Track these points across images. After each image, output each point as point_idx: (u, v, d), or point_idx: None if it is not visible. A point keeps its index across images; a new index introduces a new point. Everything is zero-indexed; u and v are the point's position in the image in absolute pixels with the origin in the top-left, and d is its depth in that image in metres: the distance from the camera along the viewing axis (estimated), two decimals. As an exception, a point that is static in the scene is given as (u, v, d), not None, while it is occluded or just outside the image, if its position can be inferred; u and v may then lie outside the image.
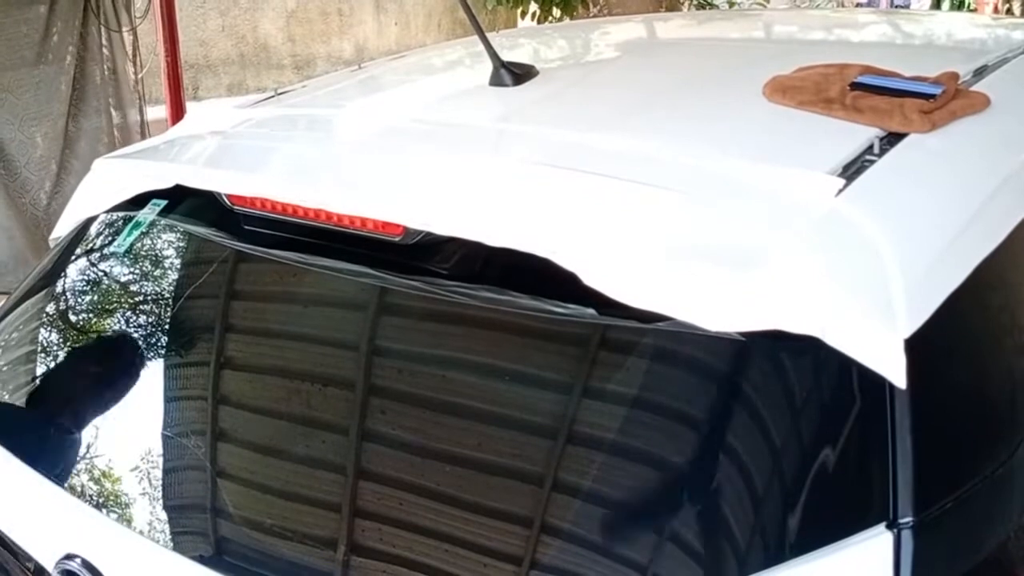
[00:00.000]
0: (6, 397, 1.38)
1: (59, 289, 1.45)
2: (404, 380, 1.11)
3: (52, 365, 1.38)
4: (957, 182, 1.12)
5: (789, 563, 0.86)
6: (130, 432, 1.24)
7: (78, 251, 1.44)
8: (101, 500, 1.20)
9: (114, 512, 1.18)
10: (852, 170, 1.05)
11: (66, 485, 1.22)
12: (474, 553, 0.98)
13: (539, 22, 6.52)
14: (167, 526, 1.15)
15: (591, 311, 0.97)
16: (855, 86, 1.23)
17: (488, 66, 1.43)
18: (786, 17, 2.66)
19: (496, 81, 1.42)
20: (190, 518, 1.16)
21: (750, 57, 1.67)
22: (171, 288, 1.37)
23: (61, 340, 1.42)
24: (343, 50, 9.69)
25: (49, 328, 1.43)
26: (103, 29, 4.10)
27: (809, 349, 0.88)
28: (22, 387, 1.37)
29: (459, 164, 1.16)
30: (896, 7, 9.80)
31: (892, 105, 1.16)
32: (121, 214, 1.38)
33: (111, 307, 1.40)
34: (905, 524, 0.85)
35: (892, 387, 0.87)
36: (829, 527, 0.87)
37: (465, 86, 1.66)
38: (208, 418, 1.19)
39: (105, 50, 4.14)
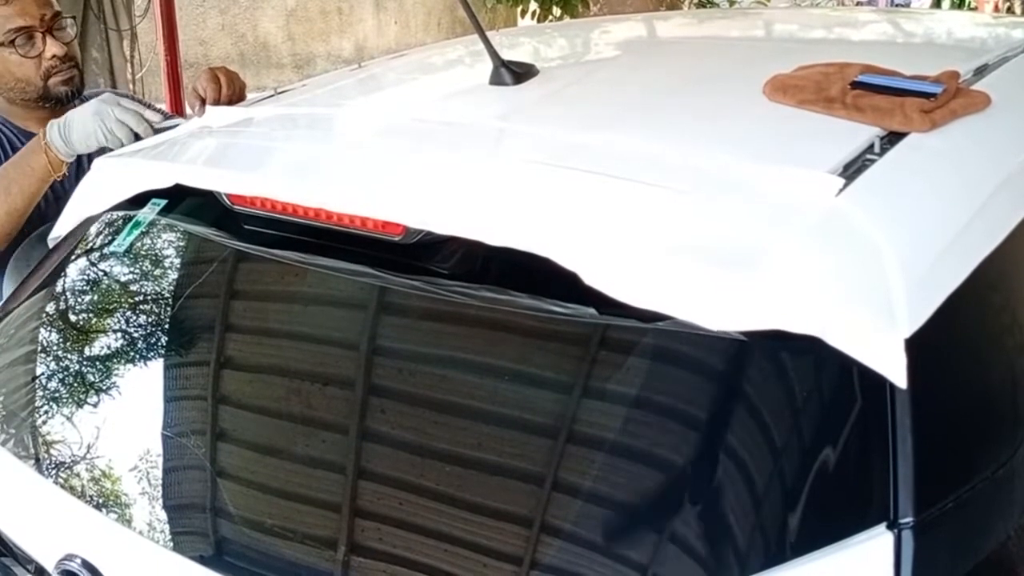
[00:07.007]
0: (6, 397, 1.38)
1: (58, 288, 1.45)
2: (404, 380, 1.11)
3: (52, 365, 1.38)
4: (958, 181, 1.12)
5: (789, 563, 0.86)
6: (130, 432, 1.24)
7: (77, 250, 1.44)
8: (101, 500, 1.20)
9: (114, 512, 1.18)
10: (853, 169, 1.05)
11: (66, 485, 1.22)
12: (474, 553, 0.98)
13: (539, 21, 6.52)
14: (167, 526, 1.15)
15: (591, 311, 0.97)
16: (856, 85, 1.23)
17: (488, 65, 1.43)
18: (786, 16, 2.66)
19: (496, 80, 1.42)
20: (190, 518, 1.16)
21: (750, 56, 1.67)
22: (171, 288, 1.37)
23: (61, 340, 1.42)
24: (343, 49, 9.69)
25: (48, 328, 1.43)
26: (103, 28, 4.11)
27: (810, 349, 0.88)
28: (22, 387, 1.37)
29: (459, 163, 1.16)
30: (896, 6, 9.79)
31: (893, 104, 1.16)
32: (121, 213, 1.38)
33: (111, 307, 1.40)
34: (905, 524, 0.85)
35: (893, 387, 0.87)
36: (829, 527, 0.87)
37: (465, 85, 1.66)
38: (208, 418, 1.19)
39: (105, 50, 4.14)
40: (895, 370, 0.86)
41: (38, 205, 1.81)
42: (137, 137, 1.61)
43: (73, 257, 1.44)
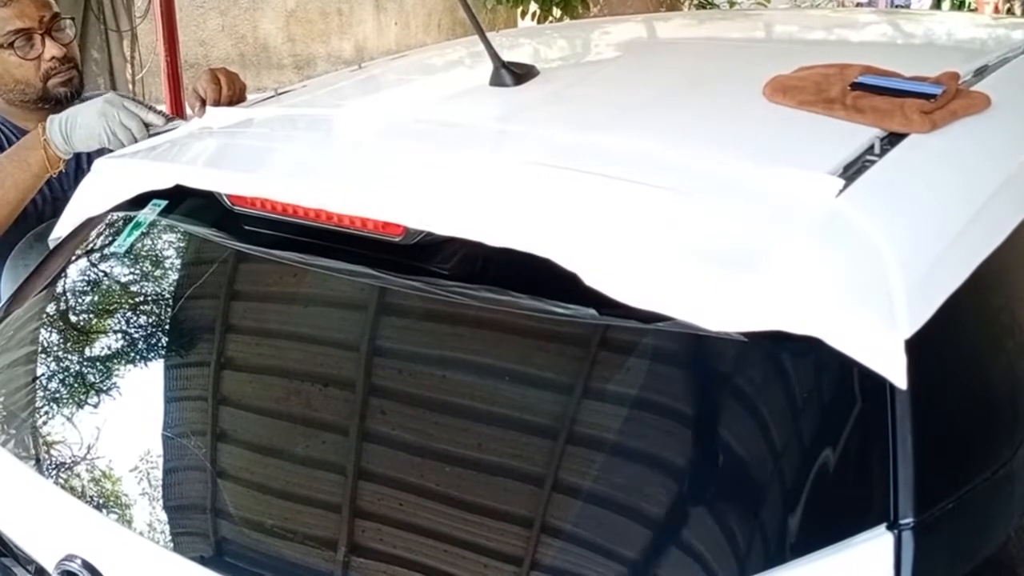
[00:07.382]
0: (7, 397, 1.38)
1: (59, 289, 1.45)
2: (404, 380, 1.11)
3: (53, 365, 1.38)
4: (958, 182, 1.12)
5: (790, 564, 0.86)
6: (130, 432, 1.24)
7: (78, 251, 1.44)
8: (101, 501, 1.20)
9: (114, 512, 1.18)
10: (853, 170, 1.05)
11: (66, 485, 1.22)
12: (474, 553, 0.98)
13: (539, 22, 6.53)
14: (167, 527, 1.15)
15: (592, 311, 0.97)
16: (856, 86, 1.23)
17: (488, 66, 1.43)
18: (786, 17, 2.66)
19: (496, 81, 1.42)
20: (190, 518, 1.16)
21: (750, 57, 1.67)
22: (171, 288, 1.37)
23: (61, 340, 1.42)
24: (343, 50, 9.70)
25: (49, 328, 1.43)
26: (103, 29, 4.11)
27: (810, 349, 0.88)
28: (23, 387, 1.37)
29: (459, 164, 1.16)
30: (896, 7, 9.80)
31: (893, 105, 1.16)
32: (121, 214, 1.38)
33: (111, 307, 1.40)
34: (906, 525, 0.85)
35: (893, 388, 0.87)
36: (830, 528, 0.87)
37: (465, 86, 1.66)
38: (208, 418, 1.19)
39: (105, 50, 4.14)
40: (895, 371, 0.86)
41: (34, 203, 1.81)
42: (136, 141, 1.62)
43: (74, 258, 1.44)
